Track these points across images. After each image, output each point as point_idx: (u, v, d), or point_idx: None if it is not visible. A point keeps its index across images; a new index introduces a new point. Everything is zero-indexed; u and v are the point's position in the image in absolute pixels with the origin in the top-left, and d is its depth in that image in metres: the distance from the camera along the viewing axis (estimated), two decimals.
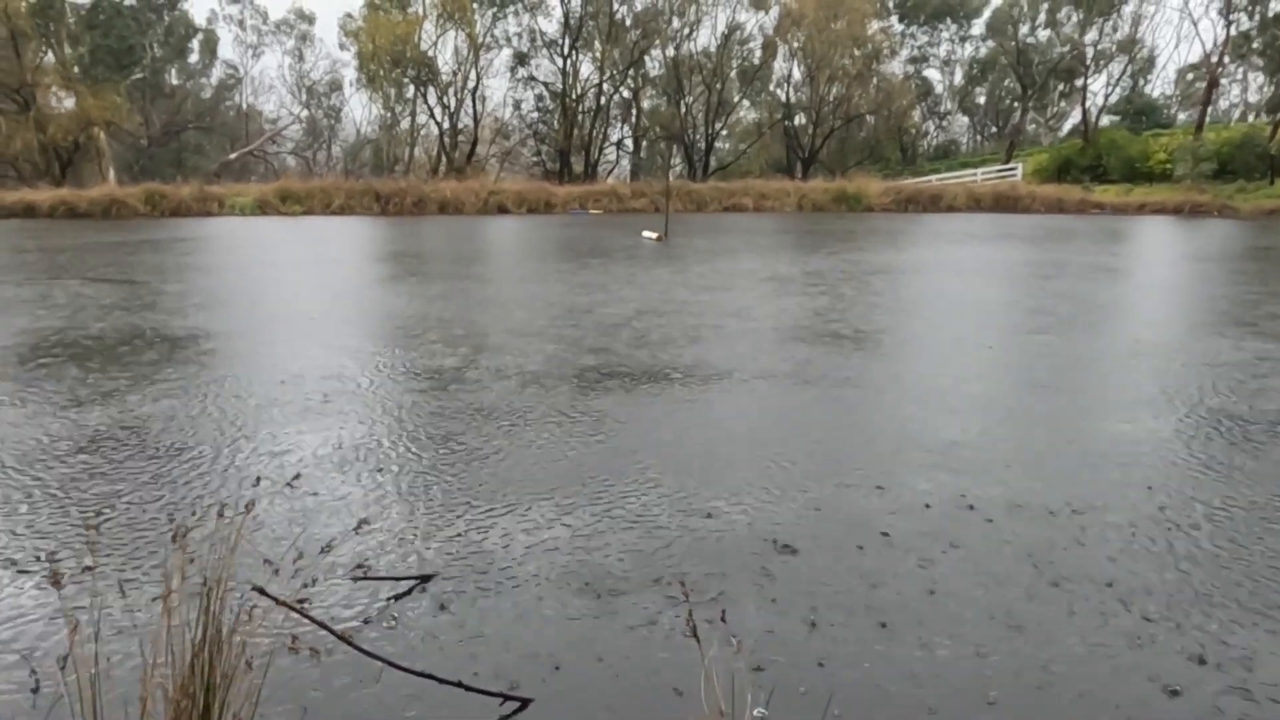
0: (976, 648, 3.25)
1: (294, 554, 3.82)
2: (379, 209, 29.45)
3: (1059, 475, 5.07)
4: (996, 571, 3.85)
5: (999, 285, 13.94)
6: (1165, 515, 4.47)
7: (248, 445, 5.55)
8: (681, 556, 4.00)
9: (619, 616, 3.48)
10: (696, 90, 47.69)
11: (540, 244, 21.13)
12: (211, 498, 4.66)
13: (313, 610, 3.26)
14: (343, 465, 5.16)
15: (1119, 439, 5.75)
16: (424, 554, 4.02)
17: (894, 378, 7.51)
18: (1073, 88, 50.05)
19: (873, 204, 33.39)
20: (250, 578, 3.13)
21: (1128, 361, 8.28)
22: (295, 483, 4.24)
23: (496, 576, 3.82)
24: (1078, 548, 4.10)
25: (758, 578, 3.79)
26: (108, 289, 12.53)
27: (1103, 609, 3.53)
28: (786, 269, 15.31)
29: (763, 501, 4.65)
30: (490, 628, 3.40)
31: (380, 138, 49.55)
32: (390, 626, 3.41)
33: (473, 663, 3.16)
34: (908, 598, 3.62)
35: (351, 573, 3.79)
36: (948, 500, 4.66)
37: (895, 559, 3.98)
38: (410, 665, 2.97)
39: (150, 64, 48.45)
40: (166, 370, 7.57)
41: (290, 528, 4.23)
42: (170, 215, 27.40)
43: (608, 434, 5.83)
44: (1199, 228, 26.07)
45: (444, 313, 10.74)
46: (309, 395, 6.72)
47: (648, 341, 8.89)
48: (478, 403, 6.56)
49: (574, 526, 4.32)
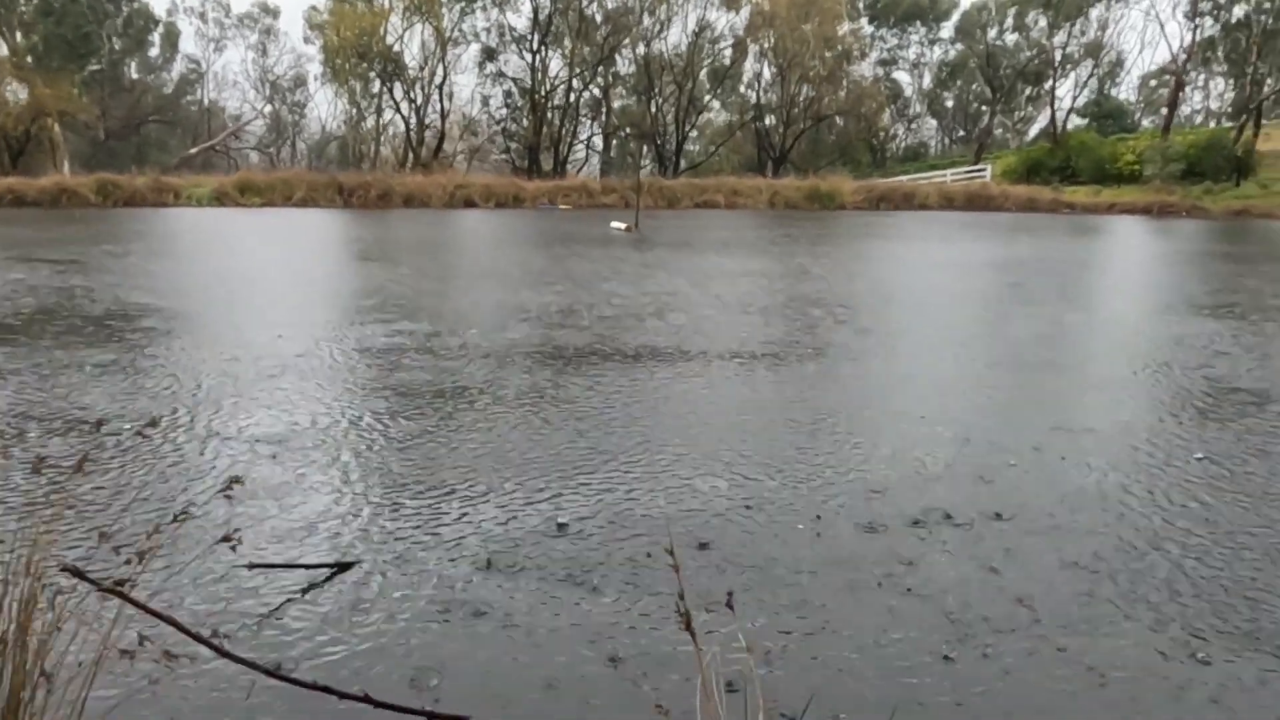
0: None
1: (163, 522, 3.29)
2: (342, 202, 28.65)
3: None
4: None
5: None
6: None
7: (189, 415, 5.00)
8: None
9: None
10: (667, 90, 47.28)
11: (507, 237, 20.56)
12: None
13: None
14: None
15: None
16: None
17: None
18: (1040, 91, 50.33)
19: (845, 202, 33.10)
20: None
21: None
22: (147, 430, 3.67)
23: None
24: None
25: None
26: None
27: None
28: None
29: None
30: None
31: (346, 134, 48.65)
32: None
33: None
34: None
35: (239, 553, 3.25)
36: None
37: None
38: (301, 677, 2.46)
39: (108, 56, 47.14)
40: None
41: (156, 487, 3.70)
42: (124, 205, 26.42)
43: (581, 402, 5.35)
44: (1171, 226, 26.09)
45: (399, 291, 10.22)
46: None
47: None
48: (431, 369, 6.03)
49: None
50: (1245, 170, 34.22)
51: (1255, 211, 30.42)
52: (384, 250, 16.11)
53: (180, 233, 19.29)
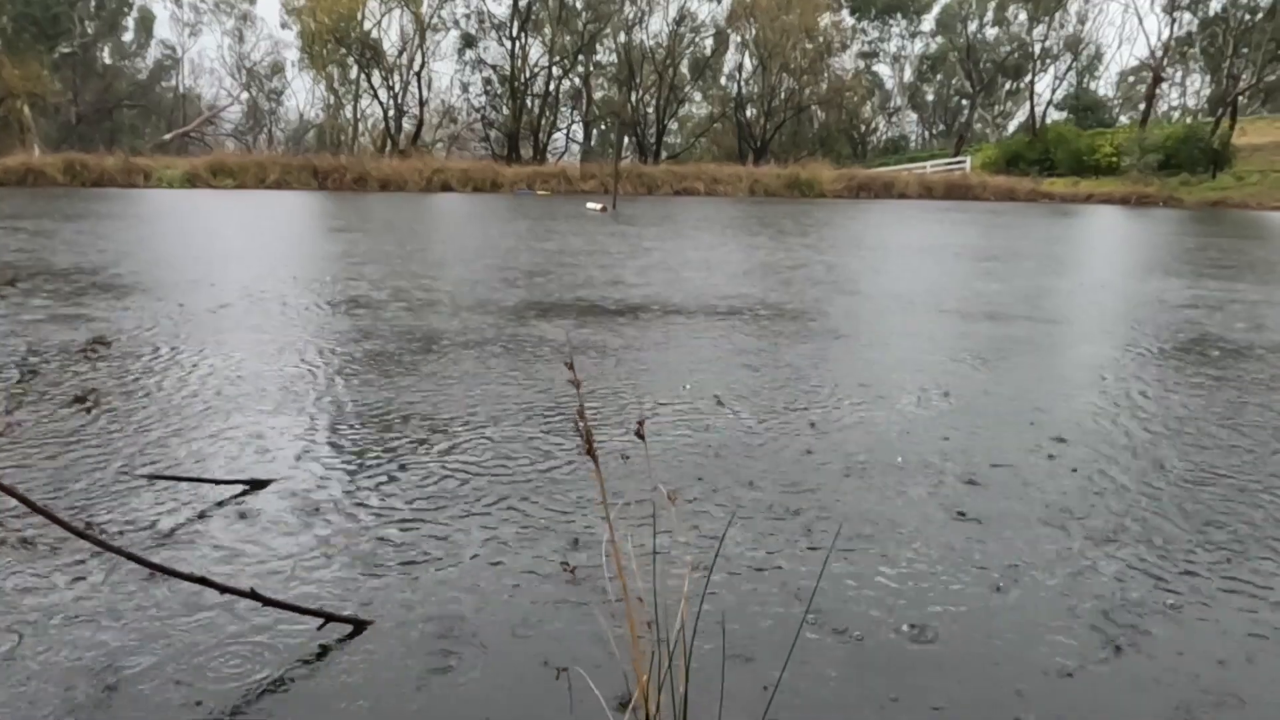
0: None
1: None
2: (317, 184, 28.31)
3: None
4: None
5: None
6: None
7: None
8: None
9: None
10: (648, 80, 47.04)
11: (484, 216, 20.31)
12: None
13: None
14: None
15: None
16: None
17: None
18: (1020, 85, 50.49)
19: (825, 190, 33.08)
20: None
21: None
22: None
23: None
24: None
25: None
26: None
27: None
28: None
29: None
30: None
31: (324, 122, 48.13)
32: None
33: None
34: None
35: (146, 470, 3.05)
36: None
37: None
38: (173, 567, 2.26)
39: (80, 38, 46.38)
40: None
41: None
42: (93, 186, 25.96)
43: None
44: (1147, 214, 26.15)
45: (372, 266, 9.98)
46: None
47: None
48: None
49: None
50: (1221, 163, 34.43)
51: (1230, 202, 30.62)
52: (356, 225, 15.84)
53: (149, 210, 18.93)
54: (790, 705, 1.78)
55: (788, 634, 2.04)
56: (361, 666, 1.99)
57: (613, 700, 1.59)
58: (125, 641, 2.06)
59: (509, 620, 2.19)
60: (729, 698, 1.62)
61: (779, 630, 2.12)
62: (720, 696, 1.58)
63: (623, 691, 1.60)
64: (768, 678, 1.85)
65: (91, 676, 1.93)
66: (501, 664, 2.00)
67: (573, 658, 1.99)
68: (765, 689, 1.81)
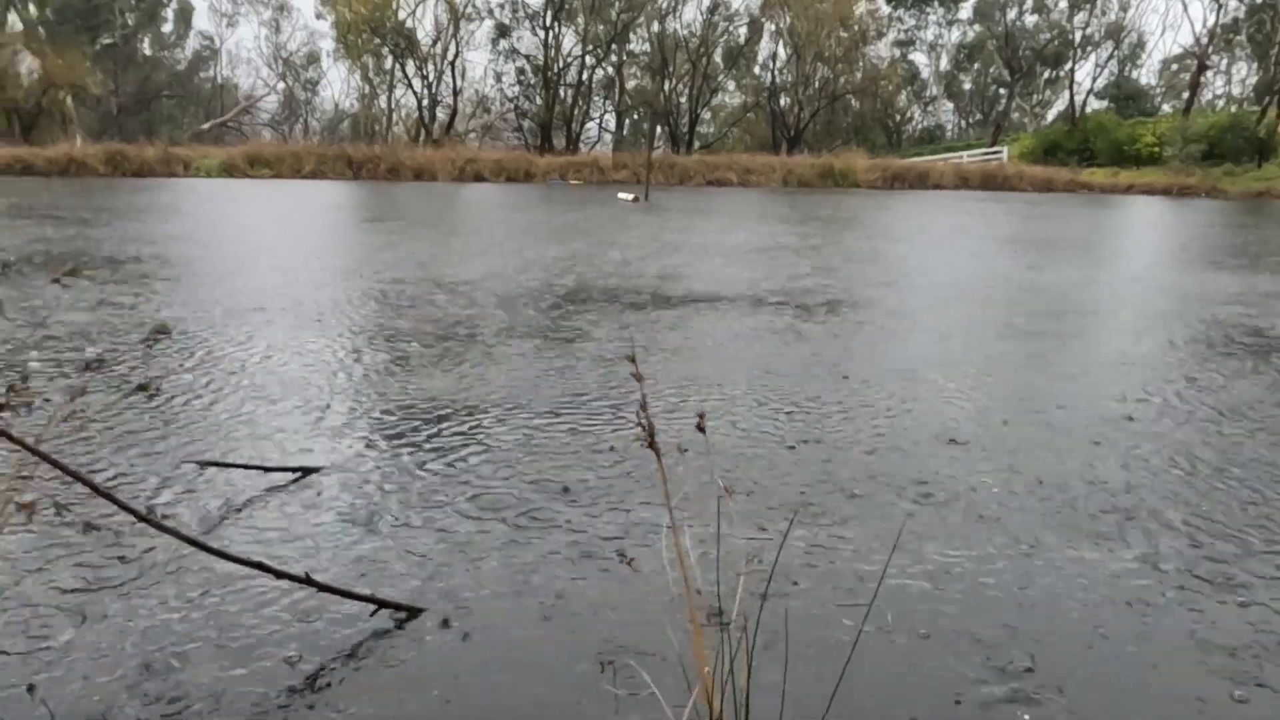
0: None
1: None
2: (351, 174, 28.51)
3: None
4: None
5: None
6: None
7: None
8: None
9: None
10: (682, 69, 46.83)
11: (517, 206, 20.36)
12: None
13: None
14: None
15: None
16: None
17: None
18: (1059, 73, 49.63)
19: (859, 180, 32.77)
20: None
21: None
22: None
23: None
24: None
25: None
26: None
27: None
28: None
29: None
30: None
31: (359, 112, 48.46)
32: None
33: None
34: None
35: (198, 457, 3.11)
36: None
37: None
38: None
39: (121, 30, 47.05)
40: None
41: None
42: (133, 176, 26.34)
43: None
44: (1190, 205, 25.65)
45: (414, 256, 10.05)
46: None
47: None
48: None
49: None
50: (1267, 152, 33.63)
51: (1275, 193, 29.92)
52: (391, 215, 15.95)
53: (189, 199, 19.19)
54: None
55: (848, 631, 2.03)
56: (412, 653, 2.02)
57: (670, 694, 1.60)
58: (183, 625, 2.10)
59: (563, 610, 2.20)
60: (790, 698, 1.62)
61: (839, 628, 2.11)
62: (782, 693, 1.58)
63: (680, 685, 1.60)
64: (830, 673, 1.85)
65: (150, 659, 1.97)
66: (553, 655, 2.02)
67: (627, 649, 2.00)
68: (827, 682, 1.81)
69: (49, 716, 1.75)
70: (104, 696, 1.83)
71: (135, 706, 1.80)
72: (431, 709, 1.81)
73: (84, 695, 1.83)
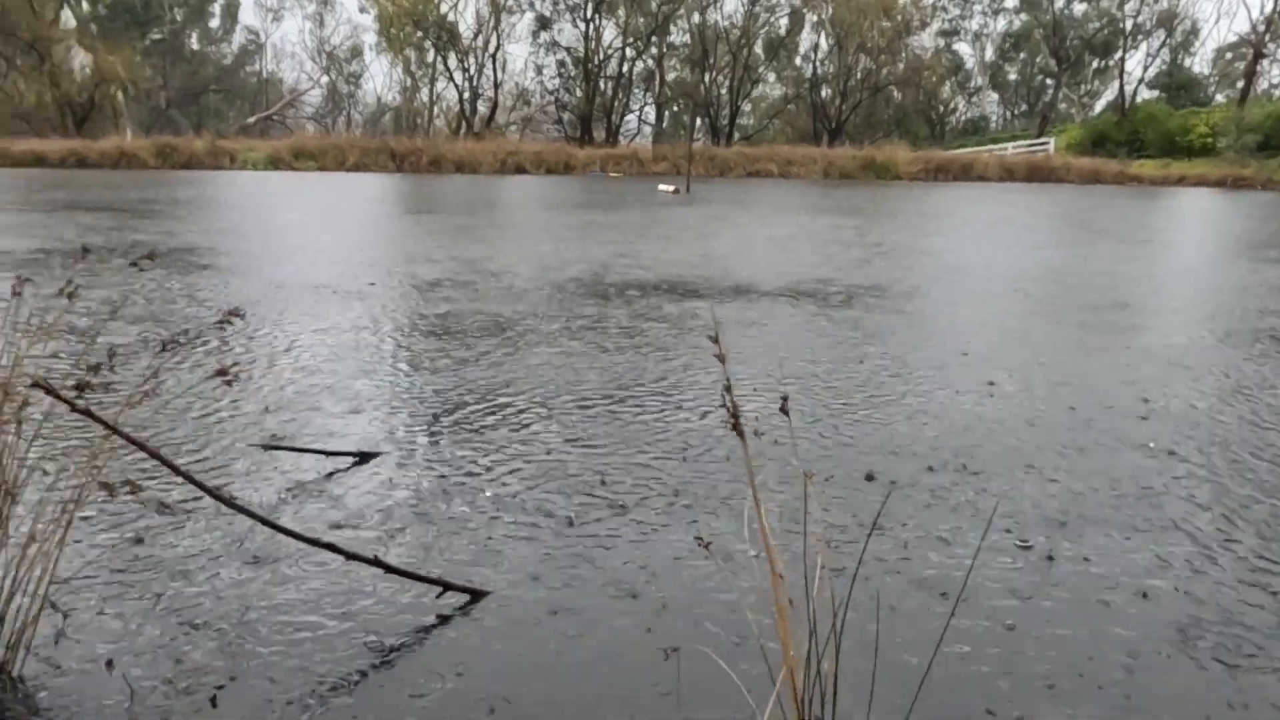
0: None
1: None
2: (394, 166, 28.79)
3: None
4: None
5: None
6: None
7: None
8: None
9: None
10: (722, 60, 46.58)
11: (558, 197, 20.41)
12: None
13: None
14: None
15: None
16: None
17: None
18: (1108, 63, 48.59)
19: (901, 172, 32.40)
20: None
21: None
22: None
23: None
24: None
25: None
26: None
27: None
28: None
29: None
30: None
31: (401, 105, 48.86)
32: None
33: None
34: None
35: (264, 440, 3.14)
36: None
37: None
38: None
39: (170, 25, 47.90)
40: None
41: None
42: (181, 168, 26.84)
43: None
44: (1244, 198, 25.01)
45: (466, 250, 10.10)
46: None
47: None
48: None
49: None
50: None
51: None
52: (434, 207, 16.07)
53: (235, 192, 19.50)
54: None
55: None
56: (477, 636, 2.02)
57: (749, 679, 1.58)
58: (252, 602, 2.13)
59: (638, 594, 2.20)
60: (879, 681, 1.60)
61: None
62: (872, 677, 1.56)
63: (761, 670, 1.59)
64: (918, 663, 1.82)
65: (220, 633, 2.00)
66: (628, 638, 2.01)
67: (705, 635, 1.99)
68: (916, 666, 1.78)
69: (127, 688, 1.78)
70: (176, 672, 1.85)
71: (210, 678, 1.82)
72: (498, 690, 1.81)
73: (158, 670, 1.86)
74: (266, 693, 1.79)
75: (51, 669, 1.85)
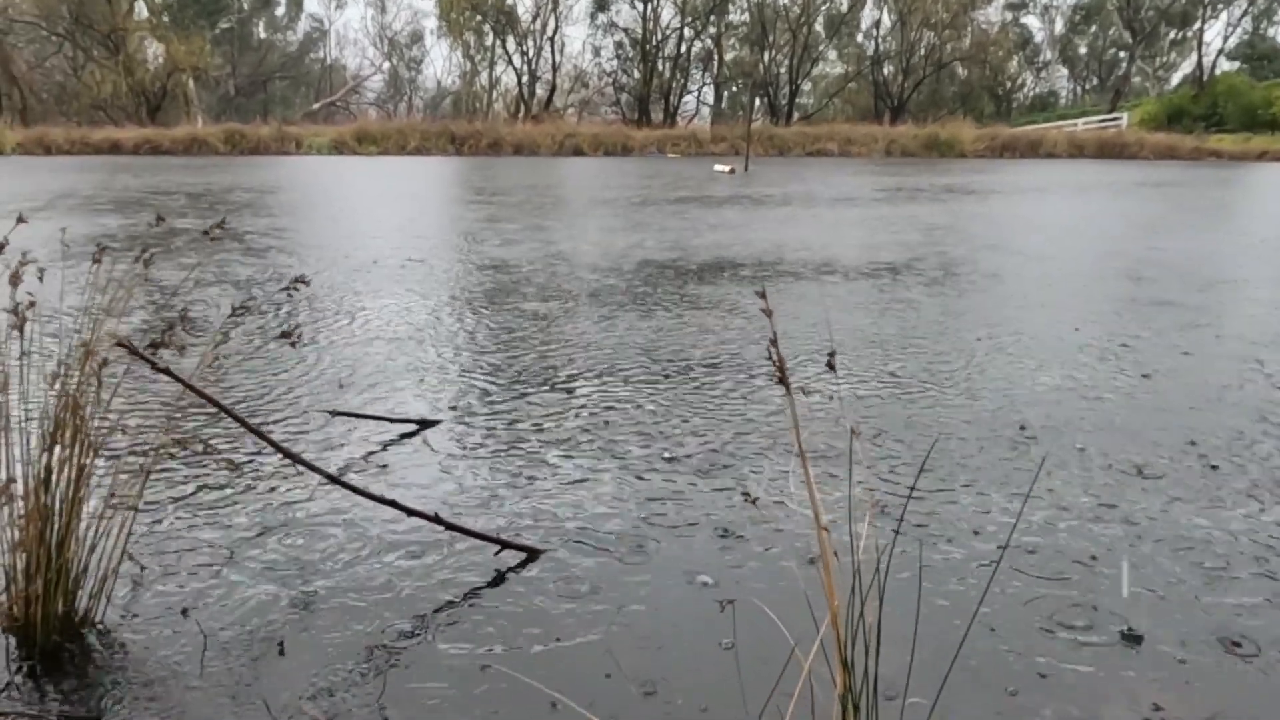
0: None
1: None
2: (454, 149, 29.12)
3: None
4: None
5: None
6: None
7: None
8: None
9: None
10: (781, 39, 46.00)
11: (617, 177, 20.44)
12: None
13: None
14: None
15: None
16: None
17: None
18: (1186, 34, 46.80)
19: (966, 150, 31.69)
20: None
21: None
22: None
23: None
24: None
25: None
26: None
27: None
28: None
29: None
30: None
31: (461, 89, 49.33)
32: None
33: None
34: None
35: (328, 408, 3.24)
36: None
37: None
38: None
39: (238, 14, 49.01)
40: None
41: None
42: (249, 154, 27.52)
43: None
44: None
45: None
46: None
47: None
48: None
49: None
50: None
51: None
52: (496, 188, 16.24)
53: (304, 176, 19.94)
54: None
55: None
56: (534, 593, 2.07)
57: (796, 631, 1.60)
58: (319, 557, 2.21)
59: (683, 551, 2.23)
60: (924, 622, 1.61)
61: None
62: (915, 623, 1.57)
63: (806, 624, 1.61)
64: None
65: (288, 585, 2.08)
66: (678, 594, 2.05)
67: (749, 588, 2.02)
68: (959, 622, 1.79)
69: (200, 635, 1.87)
70: (247, 621, 1.94)
71: (279, 628, 1.91)
72: (553, 647, 1.86)
73: (230, 619, 1.95)
74: (332, 642, 1.87)
75: (131, 617, 1.95)
